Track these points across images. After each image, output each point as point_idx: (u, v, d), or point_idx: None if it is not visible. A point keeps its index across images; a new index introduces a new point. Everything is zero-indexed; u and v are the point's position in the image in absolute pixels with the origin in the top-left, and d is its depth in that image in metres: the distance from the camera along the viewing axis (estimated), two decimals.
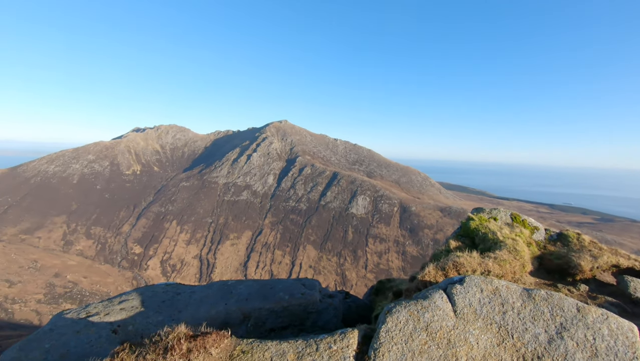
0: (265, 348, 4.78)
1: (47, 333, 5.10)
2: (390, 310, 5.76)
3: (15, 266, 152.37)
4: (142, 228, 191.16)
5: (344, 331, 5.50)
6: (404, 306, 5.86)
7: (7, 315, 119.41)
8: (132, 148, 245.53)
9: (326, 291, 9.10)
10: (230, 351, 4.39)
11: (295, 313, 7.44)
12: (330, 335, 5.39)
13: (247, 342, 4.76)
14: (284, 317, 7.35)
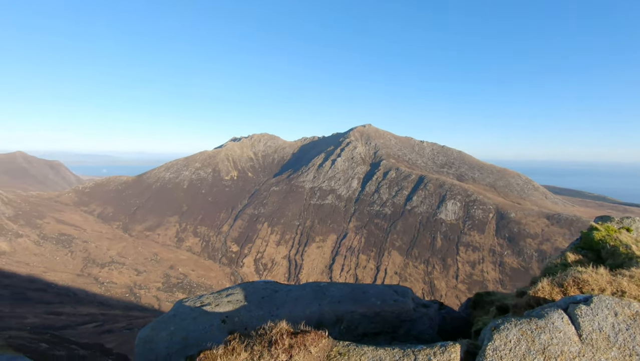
0: (362, 352, 4.75)
1: (172, 318, 5.92)
2: (498, 327, 5.20)
3: (141, 258, 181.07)
4: (239, 229, 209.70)
5: (445, 345, 5.15)
6: (514, 323, 5.24)
7: (136, 299, 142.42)
8: (230, 156, 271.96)
9: (420, 300, 8.69)
10: (327, 352, 4.48)
11: (387, 319, 7.27)
12: (429, 346, 5.10)
13: (344, 344, 4.81)
14: (376, 323, 7.23)
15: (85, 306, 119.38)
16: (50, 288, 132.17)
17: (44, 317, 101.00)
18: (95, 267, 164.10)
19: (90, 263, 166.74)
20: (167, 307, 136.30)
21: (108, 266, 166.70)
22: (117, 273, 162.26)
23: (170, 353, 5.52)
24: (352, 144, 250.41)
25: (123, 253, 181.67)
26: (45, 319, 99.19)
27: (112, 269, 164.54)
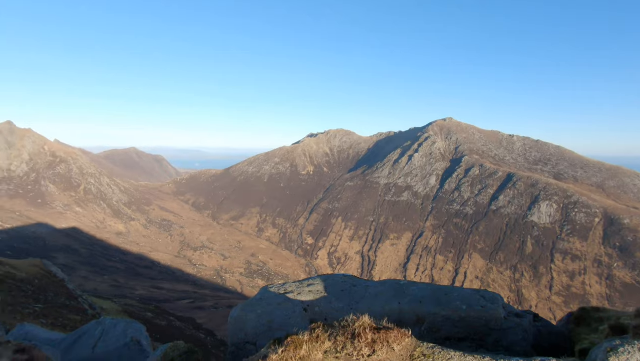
0: (448, 356, 4.51)
1: (258, 301, 6.37)
2: (615, 348, 4.48)
3: (227, 244, 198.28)
4: (314, 222, 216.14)
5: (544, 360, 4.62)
6: (636, 348, 4.46)
7: (222, 281, 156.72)
8: (306, 151, 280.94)
9: (511, 309, 7.94)
10: (410, 351, 4.36)
11: (473, 325, 6.79)
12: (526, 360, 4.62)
13: (428, 346, 4.62)
14: (460, 327, 6.82)
15: (181, 284, 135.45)
16: (155, 266, 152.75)
17: (149, 290, 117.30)
18: (189, 250, 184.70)
19: (185, 246, 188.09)
20: (248, 291, 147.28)
21: (199, 250, 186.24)
22: (206, 256, 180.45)
23: (257, 333, 5.94)
24: (430, 138, 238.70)
25: (212, 239, 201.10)
26: (150, 292, 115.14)
27: (202, 253, 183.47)
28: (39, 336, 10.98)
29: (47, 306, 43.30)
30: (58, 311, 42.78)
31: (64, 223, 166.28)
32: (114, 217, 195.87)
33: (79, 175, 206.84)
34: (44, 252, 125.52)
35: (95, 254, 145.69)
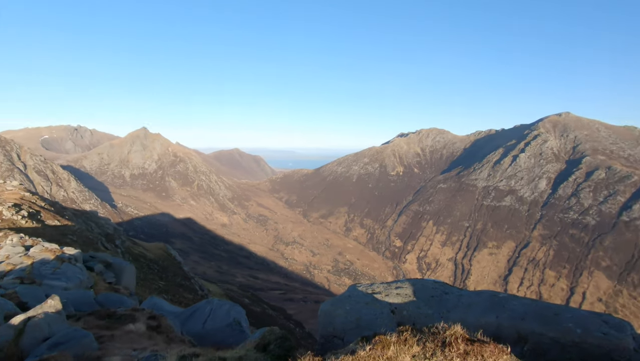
0: None
1: (347, 298, 6.56)
2: None
3: (316, 241, 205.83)
4: (402, 224, 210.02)
5: None
6: None
7: (310, 276, 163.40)
8: (396, 152, 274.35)
9: None
10: None
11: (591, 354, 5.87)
12: None
13: None
14: (572, 354, 5.95)
15: (274, 275, 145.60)
16: (252, 257, 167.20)
17: (247, 278, 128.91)
18: (282, 244, 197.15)
19: (279, 241, 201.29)
20: (335, 288, 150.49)
21: (291, 245, 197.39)
22: (297, 251, 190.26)
23: (345, 329, 6.14)
24: (541, 137, 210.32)
25: (302, 236, 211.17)
26: (248, 280, 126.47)
27: (294, 248, 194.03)
28: (163, 308, 13.10)
29: (168, 284, 51.05)
30: (176, 289, 50.06)
31: (182, 213, 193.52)
32: (220, 210, 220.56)
33: (193, 173, 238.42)
34: (166, 237, 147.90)
35: (205, 242, 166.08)
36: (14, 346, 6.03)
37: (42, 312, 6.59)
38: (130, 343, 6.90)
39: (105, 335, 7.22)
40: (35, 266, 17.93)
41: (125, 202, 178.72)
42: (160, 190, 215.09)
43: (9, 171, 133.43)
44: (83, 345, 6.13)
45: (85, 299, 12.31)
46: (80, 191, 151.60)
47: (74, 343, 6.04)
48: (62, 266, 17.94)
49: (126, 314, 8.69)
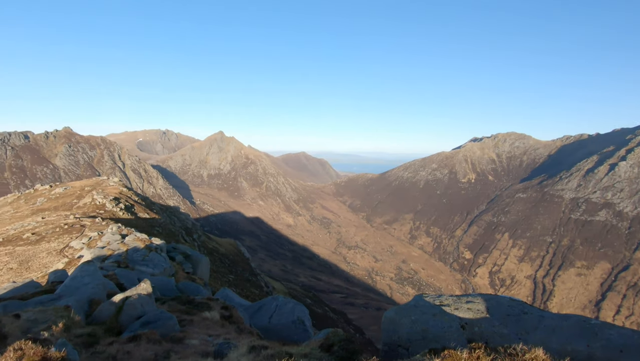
0: None
1: (413, 308, 6.36)
2: None
3: (379, 247, 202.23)
4: (473, 235, 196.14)
5: None
6: None
7: (372, 282, 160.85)
8: (468, 157, 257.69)
9: None
10: None
11: None
12: None
13: None
14: None
15: (335, 278, 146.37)
16: (315, 258, 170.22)
17: (309, 279, 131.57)
18: (344, 248, 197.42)
19: (341, 244, 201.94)
20: (398, 297, 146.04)
21: (354, 249, 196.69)
22: (359, 256, 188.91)
23: (410, 339, 5.95)
24: None
25: (365, 240, 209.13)
26: (310, 280, 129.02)
27: (356, 252, 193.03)
28: (234, 300, 14.02)
29: (237, 278, 54.38)
30: (244, 284, 53.09)
31: (251, 212, 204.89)
32: (285, 211, 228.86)
33: (262, 174, 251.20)
34: (236, 234, 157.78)
35: (271, 241, 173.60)
36: (115, 321, 7.00)
37: (137, 293, 7.54)
38: (206, 329, 7.53)
39: (185, 319, 7.99)
40: (129, 252, 20.47)
41: (202, 199, 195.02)
42: (232, 190, 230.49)
43: (112, 168, 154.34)
44: (168, 326, 6.87)
45: (168, 285, 13.72)
46: (166, 188, 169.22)
47: (160, 324, 6.80)
48: (150, 255, 20.20)
49: (203, 302, 9.50)
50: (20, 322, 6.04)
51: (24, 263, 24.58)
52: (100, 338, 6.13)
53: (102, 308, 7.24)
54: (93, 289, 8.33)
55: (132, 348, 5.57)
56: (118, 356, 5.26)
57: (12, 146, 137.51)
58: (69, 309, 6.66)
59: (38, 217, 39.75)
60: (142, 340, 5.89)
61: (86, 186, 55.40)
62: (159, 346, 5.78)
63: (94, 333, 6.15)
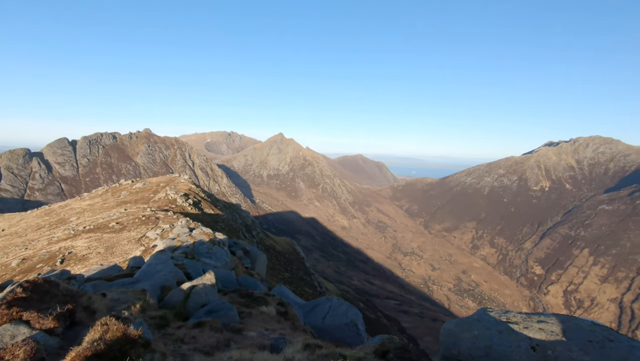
0: None
1: (476, 322, 5.94)
2: None
3: (437, 255, 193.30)
4: (545, 249, 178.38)
5: None
6: None
7: (429, 291, 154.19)
8: (542, 163, 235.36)
9: None
10: None
11: None
12: None
13: None
14: None
15: (390, 284, 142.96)
16: (369, 262, 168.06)
17: (363, 282, 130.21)
18: (400, 254, 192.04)
19: (397, 250, 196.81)
20: (456, 309, 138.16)
21: (409, 255, 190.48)
22: (416, 263, 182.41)
23: (472, 355, 5.58)
24: None
25: (422, 247, 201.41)
26: (363, 284, 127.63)
27: (412, 259, 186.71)
28: (289, 297, 14.38)
29: (292, 276, 55.75)
30: (298, 282, 54.24)
31: (307, 213, 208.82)
32: (340, 213, 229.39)
33: (319, 176, 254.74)
34: (292, 233, 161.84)
35: (325, 242, 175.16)
36: (183, 307, 7.59)
37: (202, 283, 8.10)
38: (263, 323, 7.83)
39: (244, 311, 8.39)
40: (195, 245, 22.05)
41: (261, 198, 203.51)
42: (290, 190, 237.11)
43: (183, 167, 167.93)
44: (229, 316, 7.27)
45: (229, 278, 14.52)
46: (229, 187, 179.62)
47: (222, 313, 7.23)
48: (214, 248, 21.56)
49: (261, 297, 9.89)
50: (106, 301, 6.81)
51: (109, 248, 27.78)
52: (170, 322, 6.69)
53: (172, 294, 7.93)
54: (165, 276, 9.14)
55: (197, 333, 6.00)
56: (185, 339, 5.69)
57: (103, 145, 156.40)
58: (145, 293, 7.37)
59: (121, 208, 44.66)
60: (206, 327, 6.31)
61: (161, 182, 60.90)
62: (220, 335, 6.14)
63: (165, 317, 6.73)
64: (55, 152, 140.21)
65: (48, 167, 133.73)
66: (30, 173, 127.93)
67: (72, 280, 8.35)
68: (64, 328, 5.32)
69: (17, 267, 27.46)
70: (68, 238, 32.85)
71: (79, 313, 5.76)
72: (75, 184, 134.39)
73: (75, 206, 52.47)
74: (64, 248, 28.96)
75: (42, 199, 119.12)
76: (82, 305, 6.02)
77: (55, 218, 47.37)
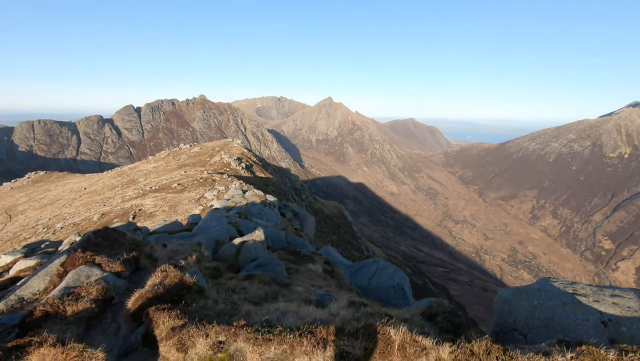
0: None
1: (536, 292, 5.50)
2: None
3: (491, 224, 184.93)
4: (618, 222, 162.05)
5: None
6: None
7: (480, 261, 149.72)
8: (622, 127, 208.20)
9: None
10: None
11: None
12: None
13: None
14: None
15: (438, 251, 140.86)
16: (417, 229, 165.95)
17: (410, 248, 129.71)
18: (450, 221, 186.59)
19: (447, 217, 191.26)
20: (509, 280, 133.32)
21: (461, 223, 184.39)
22: (467, 232, 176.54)
23: (529, 325, 5.22)
24: None
25: (475, 216, 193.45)
26: (411, 250, 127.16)
27: (463, 227, 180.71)
28: (336, 257, 14.64)
29: (339, 239, 56.96)
30: (345, 245, 55.36)
31: (355, 178, 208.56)
32: (389, 179, 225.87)
33: (368, 141, 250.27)
34: (340, 198, 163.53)
35: (373, 207, 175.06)
36: (234, 260, 8.00)
37: (252, 239, 8.43)
38: (310, 280, 8.04)
39: (292, 267, 8.67)
40: (248, 206, 23.05)
41: (310, 163, 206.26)
42: (338, 155, 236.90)
43: (235, 132, 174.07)
44: (277, 271, 7.54)
45: (279, 237, 15.06)
46: (279, 151, 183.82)
47: (271, 268, 7.52)
48: (265, 210, 22.39)
49: (308, 255, 10.13)
50: (166, 251, 7.34)
51: (173, 207, 30.17)
52: (223, 273, 7.08)
53: (225, 248, 8.38)
54: (219, 232, 9.67)
55: (247, 285, 6.29)
56: (236, 289, 6.00)
57: (164, 111, 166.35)
58: (200, 245, 7.84)
59: (182, 171, 47.89)
60: (256, 280, 6.59)
61: (216, 146, 63.87)
62: (268, 287, 6.40)
63: (218, 268, 7.14)
64: (123, 119, 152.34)
65: (118, 133, 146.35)
66: (104, 138, 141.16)
67: (137, 231, 9.17)
68: (129, 272, 5.85)
69: (98, 221, 31.08)
70: (138, 196, 36.24)
71: (142, 260, 6.27)
72: (142, 148, 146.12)
73: (143, 168, 57.28)
74: (135, 206, 32.06)
75: (115, 162, 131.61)
76: (146, 253, 6.55)
77: (126, 179, 52.25)
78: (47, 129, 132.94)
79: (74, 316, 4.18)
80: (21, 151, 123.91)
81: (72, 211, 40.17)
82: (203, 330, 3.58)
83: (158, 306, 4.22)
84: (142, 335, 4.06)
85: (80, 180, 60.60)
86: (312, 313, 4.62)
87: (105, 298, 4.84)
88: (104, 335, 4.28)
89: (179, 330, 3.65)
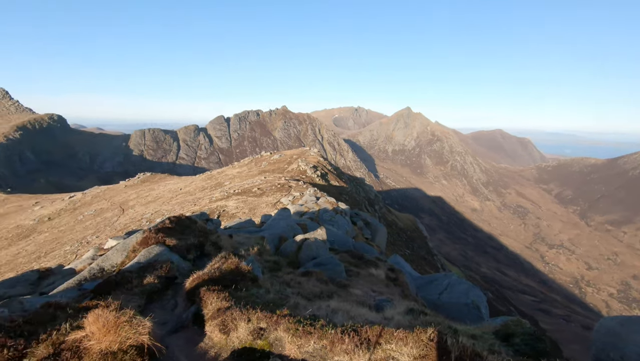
0: None
1: None
2: None
3: (596, 252, 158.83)
4: None
5: None
6: None
7: (580, 293, 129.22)
8: None
9: None
10: None
11: None
12: None
13: None
14: None
15: (527, 277, 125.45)
16: (503, 250, 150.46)
17: (493, 271, 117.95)
18: (543, 245, 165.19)
19: (539, 240, 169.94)
20: None
21: (556, 248, 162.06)
22: (564, 258, 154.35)
23: None
24: None
25: (575, 241, 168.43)
26: (493, 273, 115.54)
27: (559, 252, 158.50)
28: (403, 267, 13.83)
29: (413, 254, 54.34)
30: (419, 261, 52.55)
31: (432, 191, 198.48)
32: (471, 194, 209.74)
33: (448, 153, 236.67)
34: (415, 211, 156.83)
35: (452, 223, 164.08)
36: (295, 256, 8.00)
37: (313, 237, 8.36)
38: (371, 285, 7.62)
39: (353, 270, 8.35)
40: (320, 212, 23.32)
41: (385, 174, 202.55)
42: (415, 166, 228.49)
43: (313, 141, 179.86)
44: (336, 271, 7.31)
45: (346, 242, 14.82)
46: (354, 161, 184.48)
47: (330, 267, 7.32)
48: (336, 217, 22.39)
49: (371, 260, 9.70)
50: (232, 241, 7.64)
51: (252, 209, 32.07)
52: (282, 267, 7.11)
53: (287, 244, 8.46)
54: (283, 229, 9.85)
55: (303, 280, 6.18)
56: (291, 283, 5.93)
57: (249, 121, 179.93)
58: (263, 239, 8.02)
59: (262, 176, 50.85)
60: (313, 277, 6.45)
61: (294, 154, 66.58)
62: (325, 286, 6.19)
63: (278, 262, 7.18)
64: (214, 128, 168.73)
65: (210, 140, 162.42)
66: (198, 145, 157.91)
67: (208, 222, 9.82)
68: (195, 256, 6.19)
69: None
70: (223, 198, 39.46)
71: (207, 247, 6.60)
72: (229, 155, 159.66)
73: (228, 173, 62.37)
74: (220, 206, 34.89)
75: (206, 166, 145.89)
76: (212, 241, 6.89)
77: (214, 182, 57.36)
78: (155, 136, 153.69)
79: (139, 288, 4.50)
80: (135, 155, 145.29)
81: (169, 208, 45.35)
82: (246, 314, 3.51)
83: (210, 287, 4.32)
84: (193, 313, 4.19)
85: (177, 182, 68.27)
86: (364, 314, 4.27)
87: (169, 277, 5.14)
88: (162, 309, 4.53)
89: (224, 311, 3.65)
